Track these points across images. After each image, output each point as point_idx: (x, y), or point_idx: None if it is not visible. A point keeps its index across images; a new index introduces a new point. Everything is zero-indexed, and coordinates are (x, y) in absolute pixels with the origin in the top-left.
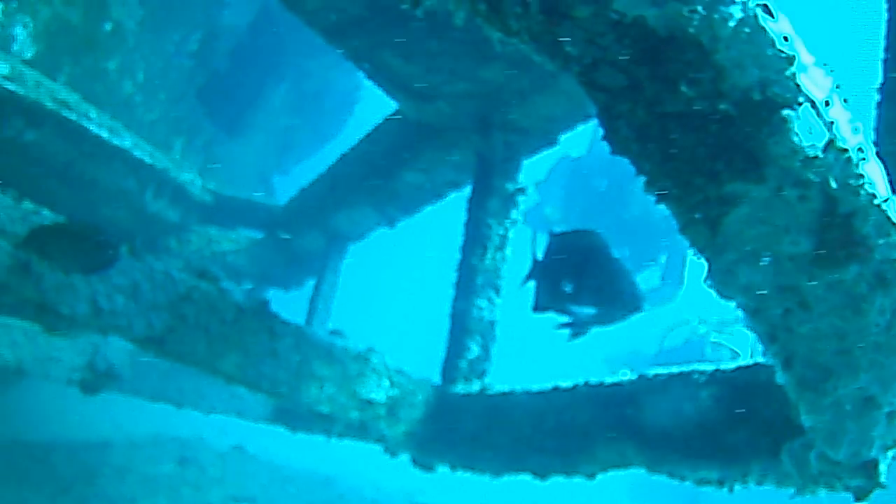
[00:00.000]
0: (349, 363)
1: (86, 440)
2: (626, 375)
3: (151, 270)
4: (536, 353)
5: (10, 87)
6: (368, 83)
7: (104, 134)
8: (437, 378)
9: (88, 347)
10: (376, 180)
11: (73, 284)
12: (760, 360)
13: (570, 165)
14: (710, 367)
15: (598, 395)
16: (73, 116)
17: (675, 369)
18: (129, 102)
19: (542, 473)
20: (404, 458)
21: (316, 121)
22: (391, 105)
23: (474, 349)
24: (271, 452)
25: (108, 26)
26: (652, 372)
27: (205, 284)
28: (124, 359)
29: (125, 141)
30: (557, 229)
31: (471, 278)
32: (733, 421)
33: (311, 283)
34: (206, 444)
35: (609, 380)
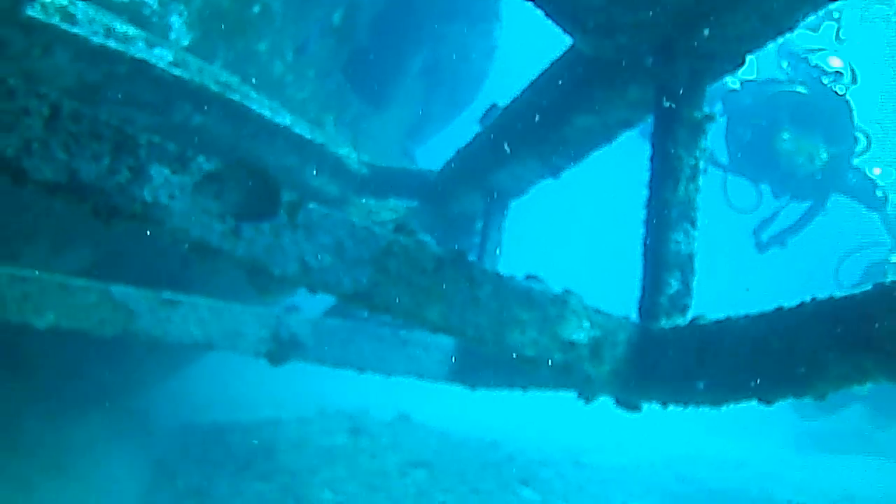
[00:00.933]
0: (548, 306)
1: (256, 419)
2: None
3: (353, 227)
4: None
5: (177, 72)
6: (504, 44)
7: (266, 113)
8: (633, 317)
9: (271, 319)
10: (543, 129)
11: (281, 245)
12: None
13: (724, 96)
14: None
15: (829, 310)
16: (236, 97)
17: None
18: (280, 82)
19: (767, 398)
20: (571, 415)
21: (453, 88)
22: (525, 66)
23: (674, 284)
24: (433, 422)
25: (256, 8)
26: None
27: (403, 238)
28: (306, 328)
29: (285, 119)
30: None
31: (664, 212)
32: None
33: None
34: (371, 416)
35: (839, 294)
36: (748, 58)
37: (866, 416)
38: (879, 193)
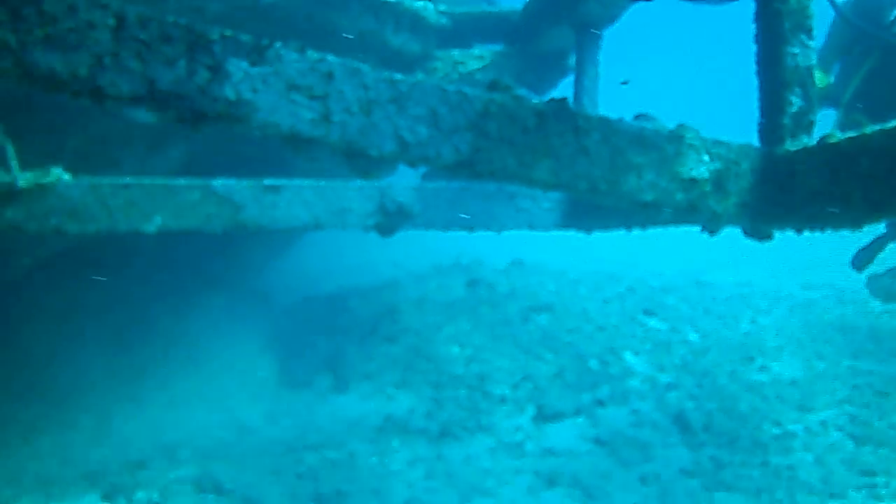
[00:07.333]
0: (664, 145)
1: (375, 282)
2: None
3: (445, 93)
4: None
5: None
6: None
7: None
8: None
9: (375, 191)
10: None
11: (375, 124)
12: None
13: None
14: None
15: None
16: None
17: None
18: None
19: None
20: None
21: None
22: None
23: (795, 102)
24: (546, 262)
25: None
26: None
27: (499, 96)
28: (411, 195)
29: None
30: None
31: (776, 25)
32: None
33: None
34: (485, 265)
35: None
36: None
37: None
38: None
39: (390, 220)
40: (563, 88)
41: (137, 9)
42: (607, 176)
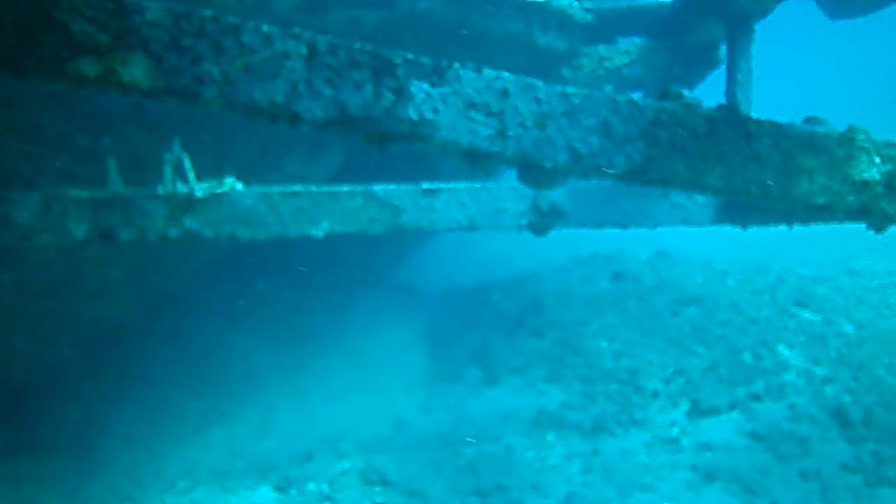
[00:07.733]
0: (834, 148)
1: (515, 275)
2: None
3: (616, 103)
4: None
5: None
6: None
7: None
8: None
9: (528, 192)
10: None
11: (548, 137)
12: None
13: None
14: None
15: None
16: None
17: None
18: None
19: None
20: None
21: None
22: None
23: None
24: (689, 251)
25: None
26: None
27: (669, 104)
28: (564, 194)
29: None
30: None
31: None
32: None
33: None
34: (628, 256)
35: None
36: None
37: None
38: None
39: (543, 219)
40: (713, 81)
41: (327, 37)
42: (779, 180)
